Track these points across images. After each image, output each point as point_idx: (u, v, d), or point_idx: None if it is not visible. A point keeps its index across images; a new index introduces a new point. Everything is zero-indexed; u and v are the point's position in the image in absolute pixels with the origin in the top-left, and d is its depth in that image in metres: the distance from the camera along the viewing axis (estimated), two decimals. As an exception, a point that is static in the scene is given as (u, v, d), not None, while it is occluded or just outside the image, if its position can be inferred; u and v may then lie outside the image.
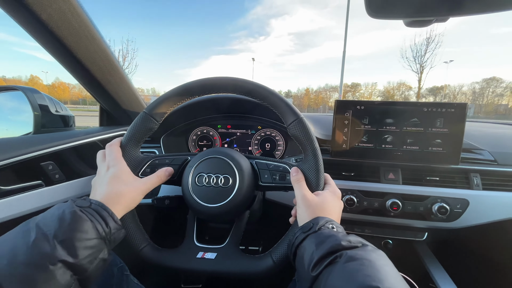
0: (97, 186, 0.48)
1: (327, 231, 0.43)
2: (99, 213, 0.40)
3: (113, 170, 0.50)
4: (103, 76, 0.74)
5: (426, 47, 26.50)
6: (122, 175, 0.50)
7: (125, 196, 0.47)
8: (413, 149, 0.76)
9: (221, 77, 0.58)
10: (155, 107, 0.57)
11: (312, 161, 0.54)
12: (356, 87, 65.62)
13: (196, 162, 0.57)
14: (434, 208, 0.73)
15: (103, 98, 0.84)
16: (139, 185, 0.51)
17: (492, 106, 47.51)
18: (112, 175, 0.49)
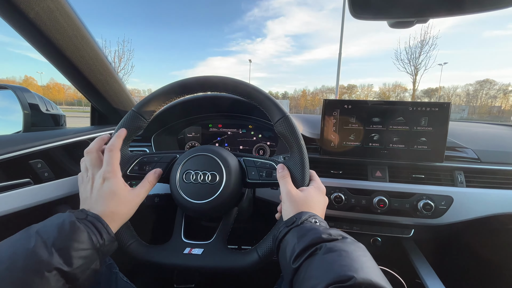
0: (90, 201, 0.46)
1: (309, 225, 0.44)
2: (94, 225, 0.41)
3: (109, 185, 0.47)
4: (93, 75, 0.74)
5: (420, 49, 26.87)
6: (119, 190, 0.48)
7: (120, 214, 0.47)
8: (399, 147, 0.78)
9: (208, 76, 0.59)
10: (144, 105, 0.58)
11: (298, 158, 0.55)
12: (352, 88, 66.15)
13: (184, 160, 0.58)
14: (419, 205, 0.75)
15: (93, 97, 0.84)
16: (133, 198, 0.50)
17: (486, 107, 48.21)
18: (108, 191, 0.46)
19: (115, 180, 0.48)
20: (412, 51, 27.20)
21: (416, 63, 26.99)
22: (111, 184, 0.47)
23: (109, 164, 0.48)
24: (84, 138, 0.83)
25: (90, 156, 0.51)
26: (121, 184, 0.49)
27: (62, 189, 0.75)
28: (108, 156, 0.49)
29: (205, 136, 0.97)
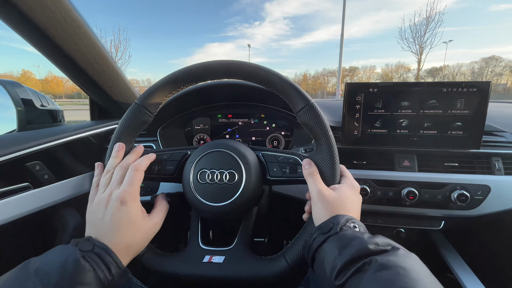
0: (101, 227, 0.40)
1: (350, 232, 0.38)
2: (102, 259, 0.35)
3: (127, 211, 0.41)
4: (88, 64, 0.66)
5: (426, 27, 25.89)
6: (136, 218, 0.42)
7: (134, 246, 0.42)
8: (430, 134, 0.71)
9: (220, 60, 0.52)
10: (148, 97, 0.51)
11: (326, 151, 0.48)
12: (354, 71, 64.86)
13: (197, 157, 0.51)
14: (453, 196, 0.69)
15: (90, 88, 0.77)
16: (150, 228, 0.45)
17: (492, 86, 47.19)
18: (125, 218, 0.40)
19: (134, 206, 0.42)
20: (417, 28, 26.24)
21: (421, 41, 26.13)
22: (130, 210, 0.41)
23: (131, 185, 0.42)
24: (85, 135, 0.77)
25: (121, 171, 0.44)
26: (139, 211, 0.43)
27: (65, 191, 0.70)
28: (132, 176, 0.43)
29: (214, 127, 0.90)
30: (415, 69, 27.48)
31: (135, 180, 0.43)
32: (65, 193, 0.70)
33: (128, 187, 0.42)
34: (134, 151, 0.50)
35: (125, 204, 0.41)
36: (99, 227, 0.40)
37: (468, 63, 50.55)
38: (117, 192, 0.42)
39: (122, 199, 0.41)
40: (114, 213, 0.40)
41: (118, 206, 0.40)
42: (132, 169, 0.44)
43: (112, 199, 0.41)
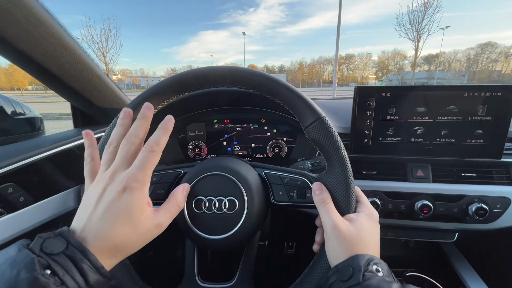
0: (91, 216, 0.31)
1: (376, 282, 0.32)
2: (76, 264, 0.27)
3: (128, 201, 0.31)
4: (63, 71, 0.58)
5: (424, 12, 25.50)
6: (138, 212, 0.32)
7: (125, 249, 0.33)
8: (448, 142, 0.64)
9: (217, 68, 0.45)
10: (139, 105, 0.43)
11: (340, 174, 0.42)
12: (350, 58, 64.25)
13: (192, 182, 0.45)
14: (471, 209, 0.64)
15: (70, 96, 0.68)
16: (152, 228, 0.34)
17: (486, 72, 47.33)
18: (124, 209, 0.31)
19: (140, 196, 0.33)
20: (415, 15, 25.85)
21: (418, 28, 25.79)
22: (132, 201, 0.32)
23: (142, 168, 0.32)
24: (68, 147, 0.69)
25: (129, 147, 0.34)
26: (144, 204, 0.33)
27: (46, 212, 0.63)
28: (146, 158, 0.33)
29: (210, 134, 0.83)
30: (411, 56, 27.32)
31: (148, 163, 0.33)
32: (46, 213, 0.63)
33: (138, 170, 0.32)
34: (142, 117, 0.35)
35: (130, 191, 0.32)
36: (88, 215, 0.31)
37: (464, 50, 50.44)
38: (123, 174, 0.32)
39: (126, 184, 0.31)
40: (112, 201, 0.31)
41: (120, 192, 0.31)
42: (147, 149, 0.33)
43: (115, 181, 0.32)
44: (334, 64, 12.78)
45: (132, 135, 0.34)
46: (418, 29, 25.79)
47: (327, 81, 56.80)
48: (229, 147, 0.83)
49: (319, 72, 64.67)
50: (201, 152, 0.83)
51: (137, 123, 0.35)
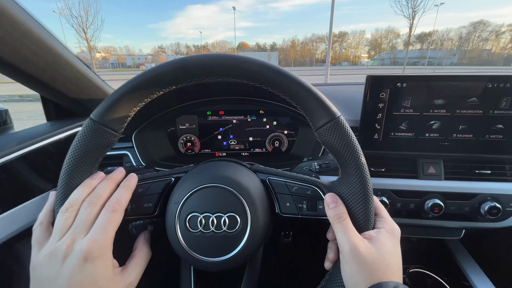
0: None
1: None
2: None
3: (92, 271, 0.29)
4: (24, 60, 0.47)
5: (419, -12, 24.79)
6: (104, 280, 0.30)
7: None
8: (465, 138, 0.59)
9: (213, 56, 0.36)
10: (108, 111, 0.35)
11: (358, 184, 0.36)
12: (343, 36, 62.86)
13: (184, 196, 0.38)
14: (483, 208, 0.60)
15: (38, 88, 0.58)
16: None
17: (477, 51, 47.47)
18: (89, 280, 0.28)
19: (104, 263, 0.30)
20: (411, -9, 25.11)
21: (414, 5, 25.17)
22: (96, 269, 0.29)
23: (104, 232, 0.30)
24: (41, 145, 0.60)
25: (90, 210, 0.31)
26: (109, 271, 0.31)
27: (17, 222, 0.55)
28: (108, 220, 0.31)
29: (203, 127, 0.75)
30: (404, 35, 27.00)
31: (111, 226, 0.31)
32: (18, 223, 0.55)
33: (100, 235, 0.30)
34: (111, 178, 0.36)
35: (91, 261, 0.28)
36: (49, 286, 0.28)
37: (457, 28, 50.11)
38: (83, 242, 0.29)
39: (87, 254, 0.28)
40: (73, 274, 0.28)
41: (81, 263, 0.28)
42: (109, 209, 0.32)
43: (74, 251, 0.29)
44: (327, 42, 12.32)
45: (97, 196, 0.33)
46: (414, 6, 25.19)
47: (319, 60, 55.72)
48: (224, 141, 0.76)
49: (312, 50, 63.16)
50: (193, 147, 0.76)
51: (103, 186, 0.34)
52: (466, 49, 48.76)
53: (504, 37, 46.03)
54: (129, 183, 0.37)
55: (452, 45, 49.60)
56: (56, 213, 0.34)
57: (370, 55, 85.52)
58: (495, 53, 46.69)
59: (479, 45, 48.51)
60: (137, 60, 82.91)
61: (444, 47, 51.83)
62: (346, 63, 74.77)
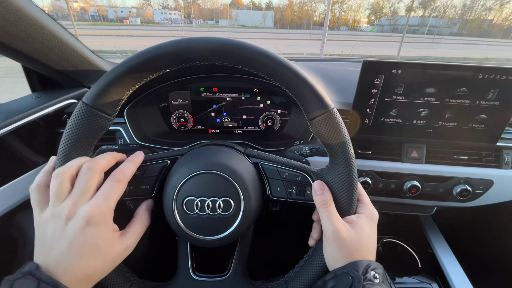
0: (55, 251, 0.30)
1: None
2: None
3: (93, 234, 0.31)
4: (3, 31, 0.44)
5: None
6: (104, 243, 0.32)
7: (96, 277, 0.33)
8: (449, 126, 0.62)
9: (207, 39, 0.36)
10: (101, 95, 0.35)
11: (344, 174, 0.39)
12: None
13: (181, 181, 0.40)
14: (455, 190, 0.66)
15: (20, 59, 0.55)
16: (120, 253, 0.34)
17: (478, 21, 46.01)
18: (91, 243, 0.31)
19: (104, 228, 0.32)
20: None
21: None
22: (98, 233, 0.31)
23: (107, 200, 0.32)
24: (32, 119, 0.59)
25: (89, 176, 0.32)
26: (109, 234, 0.33)
27: (14, 196, 0.57)
28: (112, 189, 0.33)
29: (196, 103, 0.74)
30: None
31: (114, 194, 0.33)
32: (15, 197, 0.57)
33: (103, 202, 0.32)
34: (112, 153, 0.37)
35: (93, 225, 0.31)
36: (52, 250, 0.30)
37: (462, -6, 47.65)
38: (85, 207, 0.31)
39: (90, 219, 0.30)
40: (75, 235, 0.30)
41: (83, 226, 0.30)
42: (114, 179, 0.34)
43: (77, 215, 0.30)
44: (326, 3, 11.51)
45: (96, 162, 0.34)
46: (421, -34, 23.40)
47: (317, 23, 52.75)
48: (217, 119, 0.76)
49: (310, 11, 59.31)
50: (186, 123, 0.76)
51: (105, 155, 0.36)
52: (468, 19, 47.15)
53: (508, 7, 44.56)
54: (136, 158, 0.39)
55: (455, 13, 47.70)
56: None
57: (370, 20, 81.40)
58: (495, 24, 45.48)
59: (482, 14, 46.86)
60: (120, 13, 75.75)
61: (447, 15, 49.83)
62: (345, 28, 71.29)
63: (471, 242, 0.83)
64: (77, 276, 0.30)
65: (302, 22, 56.22)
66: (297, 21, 57.60)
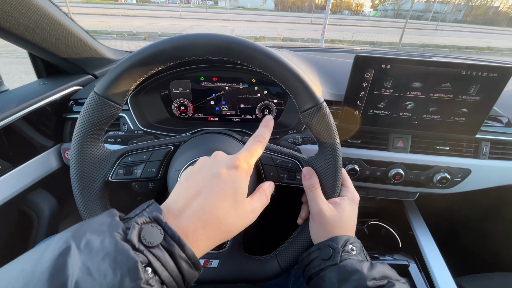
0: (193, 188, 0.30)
1: (350, 263, 0.38)
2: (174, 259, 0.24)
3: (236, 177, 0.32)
4: (12, 21, 0.46)
5: None
6: (241, 192, 0.32)
7: (227, 226, 0.31)
8: (433, 119, 0.67)
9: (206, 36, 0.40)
10: (111, 86, 0.39)
11: (330, 161, 0.44)
12: (348, -21, 56.61)
13: (184, 165, 0.44)
14: (435, 178, 0.72)
15: (27, 47, 0.57)
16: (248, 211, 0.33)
17: (484, 8, 44.89)
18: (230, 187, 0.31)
19: (246, 177, 0.33)
20: None
21: None
22: (241, 178, 0.32)
23: (251, 153, 0.35)
24: (41, 105, 0.62)
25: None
26: (247, 186, 0.33)
27: (28, 176, 0.61)
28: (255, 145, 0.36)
29: (196, 92, 0.77)
30: (414, -17, 24.68)
31: (257, 150, 0.36)
32: (29, 177, 0.61)
33: (248, 152, 0.34)
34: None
35: (238, 169, 0.32)
36: (188, 187, 0.30)
37: (470, -22, 46.12)
38: (235, 155, 0.34)
39: (237, 162, 0.32)
40: (220, 174, 0.31)
41: (230, 166, 0.32)
42: (256, 139, 0.37)
43: (225, 156, 0.34)
44: (329, -14, 11.09)
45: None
46: None
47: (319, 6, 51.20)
48: (216, 107, 0.80)
49: (312, -6, 57.37)
50: (187, 110, 0.79)
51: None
52: (474, 5, 45.94)
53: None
54: (268, 123, 0.40)
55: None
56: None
57: (374, 4, 78.98)
58: (501, 12, 44.43)
59: (488, 1, 45.61)
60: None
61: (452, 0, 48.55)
62: (347, 12, 69.31)
63: (449, 225, 0.91)
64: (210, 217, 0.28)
65: (304, 5, 54.48)
66: (299, 3, 55.80)
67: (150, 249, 0.23)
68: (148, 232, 0.23)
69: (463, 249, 0.90)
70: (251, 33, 10.66)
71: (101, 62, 0.78)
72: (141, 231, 0.23)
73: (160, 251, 0.23)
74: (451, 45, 10.17)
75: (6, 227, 0.58)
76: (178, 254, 0.24)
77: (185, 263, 0.25)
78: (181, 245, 0.24)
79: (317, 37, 9.58)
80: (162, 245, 0.23)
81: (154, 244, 0.23)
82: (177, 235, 0.24)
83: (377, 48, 6.66)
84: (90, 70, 0.76)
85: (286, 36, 10.43)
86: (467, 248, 0.92)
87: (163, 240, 0.24)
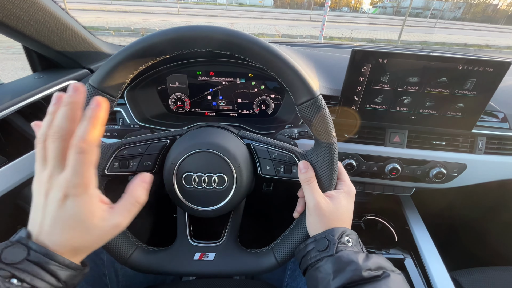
0: (43, 221, 0.29)
1: (346, 254, 0.38)
2: (43, 267, 0.27)
3: (73, 208, 0.28)
4: (8, 14, 0.46)
5: None
6: (87, 217, 0.30)
7: (86, 249, 0.32)
8: (429, 113, 0.67)
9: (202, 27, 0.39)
10: (106, 78, 0.39)
11: (326, 155, 0.44)
12: (347, -25, 56.21)
13: (181, 158, 0.44)
14: (432, 172, 0.72)
15: (22, 40, 0.56)
16: (107, 229, 0.32)
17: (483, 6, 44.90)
18: (72, 216, 0.29)
19: (86, 199, 0.29)
20: None
21: None
22: (78, 207, 0.29)
23: (77, 175, 0.28)
24: (36, 99, 0.62)
25: (55, 145, 0.28)
26: (93, 206, 0.30)
27: (23, 170, 0.61)
28: (78, 160, 0.27)
29: (193, 86, 0.77)
30: (414, -20, 24.59)
31: (83, 166, 0.28)
32: (24, 172, 0.61)
33: (73, 177, 0.27)
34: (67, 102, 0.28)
35: (72, 198, 0.28)
36: (40, 221, 0.29)
37: (469, -24, 46.03)
38: (59, 179, 0.28)
39: (66, 192, 0.28)
40: (56, 210, 0.28)
41: (62, 199, 0.28)
42: (77, 151, 0.27)
43: (54, 188, 0.28)
44: (329, -18, 10.97)
45: (57, 129, 0.28)
46: None
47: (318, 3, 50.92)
48: (213, 102, 0.80)
49: (311, -10, 57.03)
50: (183, 105, 0.79)
51: (62, 111, 0.28)
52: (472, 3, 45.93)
53: (514, -9, 43.46)
54: (94, 114, 0.28)
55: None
56: None
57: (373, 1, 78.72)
58: (500, 10, 44.46)
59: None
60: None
61: (452, -4, 48.52)
62: (347, 9, 69.07)
63: (444, 221, 0.91)
64: (66, 248, 0.29)
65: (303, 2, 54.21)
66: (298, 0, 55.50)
67: (13, 265, 0.26)
68: (9, 253, 0.27)
69: (459, 243, 0.91)
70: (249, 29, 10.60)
71: (97, 56, 0.77)
72: (1, 253, 0.26)
73: (27, 265, 0.26)
74: (449, 43, 10.17)
75: (1, 221, 0.58)
76: (46, 262, 0.27)
77: (56, 267, 0.28)
78: (48, 255, 0.28)
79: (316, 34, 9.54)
80: (28, 259, 0.27)
81: (17, 260, 0.26)
82: (42, 248, 0.28)
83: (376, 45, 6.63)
84: (85, 64, 0.75)
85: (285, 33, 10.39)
86: (463, 243, 0.93)
87: (28, 256, 0.27)
